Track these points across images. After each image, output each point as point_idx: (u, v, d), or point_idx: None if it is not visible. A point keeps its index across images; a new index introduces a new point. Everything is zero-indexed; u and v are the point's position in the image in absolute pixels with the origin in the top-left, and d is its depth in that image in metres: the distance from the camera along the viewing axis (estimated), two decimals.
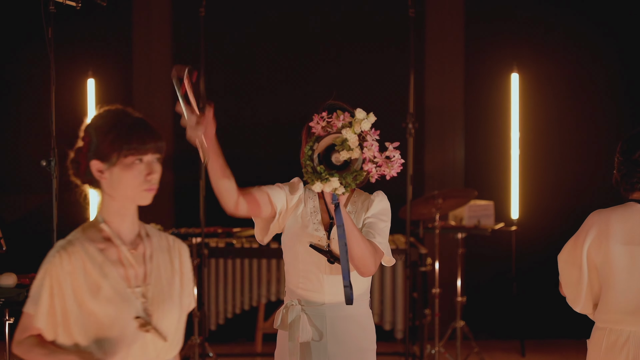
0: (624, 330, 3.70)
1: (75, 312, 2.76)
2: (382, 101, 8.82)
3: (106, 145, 2.84)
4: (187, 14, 8.77)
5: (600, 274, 3.76)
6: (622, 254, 3.68)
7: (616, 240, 3.69)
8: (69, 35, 8.51)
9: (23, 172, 8.92)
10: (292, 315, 3.73)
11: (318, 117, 3.54)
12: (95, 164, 2.87)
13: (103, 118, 2.92)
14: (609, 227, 3.71)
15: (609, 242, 3.70)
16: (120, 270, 2.87)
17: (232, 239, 7.72)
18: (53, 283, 2.77)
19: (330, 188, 3.42)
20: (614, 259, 3.69)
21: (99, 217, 2.92)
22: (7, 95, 9.06)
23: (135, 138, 2.87)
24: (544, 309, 8.91)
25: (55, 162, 5.04)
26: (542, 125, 9.04)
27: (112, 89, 8.93)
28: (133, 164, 2.86)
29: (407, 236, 7.06)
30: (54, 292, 2.77)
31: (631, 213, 3.74)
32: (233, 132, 8.96)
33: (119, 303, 2.81)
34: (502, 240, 8.71)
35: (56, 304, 2.76)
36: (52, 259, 2.82)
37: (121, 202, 2.92)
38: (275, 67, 9.04)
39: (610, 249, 3.69)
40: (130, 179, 2.87)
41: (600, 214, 3.79)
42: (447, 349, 7.83)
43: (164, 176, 3.07)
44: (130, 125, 2.90)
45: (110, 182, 2.87)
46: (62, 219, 5.31)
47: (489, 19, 9.13)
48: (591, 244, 3.73)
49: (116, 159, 2.84)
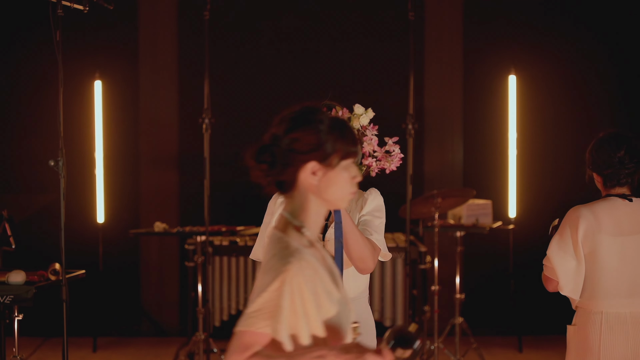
0: (620, 312, 3.99)
1: (314, 318, 2.58)
2: (382, 102, 8.69)
3: (329, 146, 2.67)
4: (193, 16, 8.85)
5: (588, 262, 4.03)
6: (613, 245, 3.99)
7: (606, 232, 4.00)
8: (77, 38, 8.55)
9: (31, 172, 8.96)
10: None
11: None
12: (312, 166, 2.67)
13: (322, 117, 2.71)
14: (599, 220, 4.01)
15: (600, 234, 4.00)
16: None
17: (235, 238, 7.72)
18: (294, 291, 2.55)
19: None
20: (604, 249, 3.99)
21: (297, 222, 2.71)
22: (16, 96, 9.11)
23: (353, 139, 2.73)
24: (540, 305, 8.80)
25: (63, 162, 5.00)
26: (538, 127, 9.06)
27: (119, 90, 9.02)
28: (349, 166, 2.72)
29: (407, 234, 7.03)
30: (295, 302, 2.55)
31: (615, 207, 4.05)
32: (236, 133, 9.03)
33: (343, 307, 2.71)
34: (500, 239, 8.76)
35: (298, 312, 2.55)
36: (287, 267, 2.56)
37: (324, 206, 2.75)
38: (276, 70, 9.09)
39: (601, 240, 3.99)
40: (344, 182, 2.71)
41: (584, 209, 4.08)
42: (446, 345, 7.86)
43: (169, 176, 3.13)
44: (346, 126, 2.75)
45: (321, 185, 2.69)
46: (70, 217, 5.36)
47: (487, 23, 9.16)
48: (584, 235, 3.99)
49: (337, 161, 2.68)
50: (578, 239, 4.01)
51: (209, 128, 7.08)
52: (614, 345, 3.98)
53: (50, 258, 5.52)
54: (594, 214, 4.04)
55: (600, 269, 4.01)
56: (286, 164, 2.67)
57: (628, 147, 4.08)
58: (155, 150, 9.11)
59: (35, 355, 8.20)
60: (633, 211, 4.06)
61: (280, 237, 2.67)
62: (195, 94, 8.59)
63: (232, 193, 9.00)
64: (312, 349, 2.58)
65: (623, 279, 4.00)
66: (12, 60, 9.09)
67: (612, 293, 4.01)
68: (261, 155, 2.69)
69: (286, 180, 2.69)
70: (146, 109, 9.18)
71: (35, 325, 8.13)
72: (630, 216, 4.05)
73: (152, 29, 9.16)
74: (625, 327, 3.99)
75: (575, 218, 4.05)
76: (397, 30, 8.93)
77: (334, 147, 2.66)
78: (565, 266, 4.03)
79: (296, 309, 2.55)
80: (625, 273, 4.00)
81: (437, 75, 9.15)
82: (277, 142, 2.68)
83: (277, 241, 2.67)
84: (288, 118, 2.70)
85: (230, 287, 7.71)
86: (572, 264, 4.03)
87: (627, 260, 4.01)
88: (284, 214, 2.74)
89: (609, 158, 4.10)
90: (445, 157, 9.15)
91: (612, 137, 4.13)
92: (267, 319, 2.55)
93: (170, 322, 9.21)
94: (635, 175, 4.10)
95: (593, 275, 4.03)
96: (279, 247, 2.63)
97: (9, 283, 5.12)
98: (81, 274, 5.62)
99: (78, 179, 8.65)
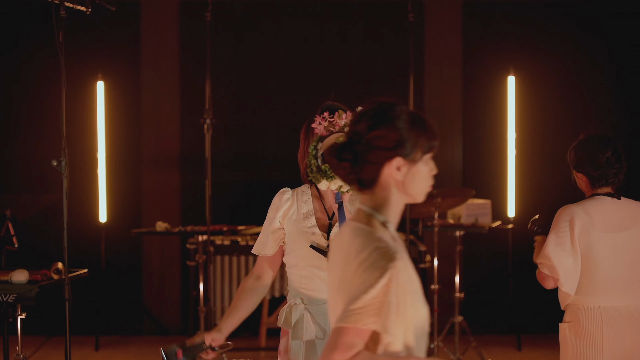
0: (616, 306, 4.12)
1: (411, 315, 2.56)
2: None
3: (413, 141, 2.63)
4: (194, 18, 8.85)
5: (583, 259, 4.14)
6: (606, 241, 4.13)
7: (599, 229, 4.13)
8: (80, 39, 8.58)
9: (34, 172, 8.99)
10: (295, 315, 3.74)
11: (320, 117, 3.58)
12: (397, 162, 2.63)
13: (401, 113, 2.66)
14: (592, 218, 4.13)
15: (593, 231, 4.12)
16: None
17: (237, 237, 7.75)
18: (398, 290, 2.51)
19: (335, 186, 3.48)
20: (598, 245, 4.12)
21: (381, 217, 2.68)
22: (19, 97, 9.15)
23: (433, 134, 2.69)
24: (539, 304, 8.83)
25: (65, 162, 5.01)
26: (537, 127, 9.10)
27: (121, 91, 9.06)
28: (428, 160, 2.69)
29: (407, 234, 7.08)
30: (399, 300, 2.52)
31: (605, 205, 4.19)
32: (237, 133, 9.09)
33: (424, 304, 2.66)
34: (499, 238, 8.80)
35: (399, 311, 2.52)
36: (394, 263, 2.52)
37: (405, 200, 2.70)
38: (277, 71, 9.11)
39: (595, 237, 4.12)
40: (425, 176, 2.69)
41: (576, 207, 4.19)
42: (446, 344, 7.93)
43: (171, 176, 3.12)
44: (426, 121, 2.70)
45: (405, 180, 2.65)
46: (72, 217, 5.39)
47: (486, 24, 9.20)
48: (579, 233, 4.11)
49: (420, 156, 2.65)
50: (575, 237, 4.11)
51: (211, 128, 7.10)
52: (614, 338, 4.09)
53: (53, 257, 5.54)
54: (587, 212, 4.15)
55: (595, 265, 4.12)
56: (369, 161, 2.63)
57: (614, 149, 4.20)
58: (157, 151, 9.15)
59: (38, 354, 8.24)
60: (620, 209, 4.21)
61: (370, 232, 2.62)
62: (196, 94, 8.64)
63: (233, 193, 9.05)
64: (412, 357, 2.57)
65: (616, 274, 4.13)
66: (16, 61, 9.11)
67: (608, 288, 4.12)
68: (343, 154, 2.66)
69: (368, 177, 2.66)
70: (148, 109, 9.22)
71: (38, 324, 8.16)
72: (618, 213, 4.19)
73: (154, 30, 9.19)
74: (621, 320, 4.11)
75: (570, 216, 4.15)
76: (397, 32, 8.94)
77: (417, 142, 2.63)
78: (564, 263, 4.12)
79: (399, 307, 2.52)
80: (618, 268, 4.13)
81: (437, 75, 9.18)
82: (359, 140, 2.64)
83: (367, 235, 2.61)
84: (368, 115, 2.66)
85: (232, 286, 7.73)
86: (569, 260, 4.12)
87: (619, 256, 4.14)
88: (364, 208, 2.69)
89: (597, 159, 4.20)
90: (445, 157, 9.15)
91: (599, 138, 4.24)
92: (374, 315, 2.50)
93: (172, 320, 9.24)
94: (620, 174, 4.23)
95: (588, 271, 4.13)
96: (374, 242, 2.58)
97: (12, 282, 5.13)
98: (84, 273, 5.64)
99: (80, 179, 8.68)
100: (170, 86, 9.20)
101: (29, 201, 8.22)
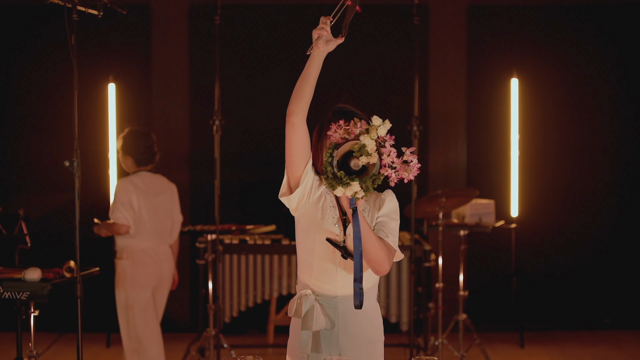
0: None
1: None
2: (388, 105, 8.93)
3: None
4: (204, 21, 8.93)
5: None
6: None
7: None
8: (91, 42, 8.70)
9: (47, 173, 9.06)
10: (306, 305, 3.73)
11: (335, 125, 3.56)
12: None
13: None
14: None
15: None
16: None
17: (245, 236, 7.75)
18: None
19: (351, 192, 3.42)
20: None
21: None
22: (32, 99, 9.22)
23: None
24: (542, 302, 9.04)
25: (77, 163, 4.95)
26: (540, 128, 9.14)
27: (132, 93, 9.13)
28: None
29: (412, 233, 7.10)
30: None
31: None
32: (245, 134, 9.15)
33: None
34: (503, 237, 8.85)
35: None
36: None
37: None
38: (286, 73, 9.16)
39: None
40: None
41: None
42: (450, 341, 7.97)
43: (180, 176, 3.10)
44: None
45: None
46: (84, 216, 5.44)
47: (489, 27, 9.23)
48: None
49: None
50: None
51: (220, 129, 7.07)
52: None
53: (65, 256, 5.56)
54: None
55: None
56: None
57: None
58: (167, 151, 9.18)
59: (50, 350, 8.34)
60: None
61: None
62: (206, 96, 8.73)
63: (242, 193, 9.10)
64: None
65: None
66: (28, 63, 9.18)
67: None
68: None
69: None
70: (158, 110, 9.25)
71: (51, 321, 8.28)
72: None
73: (164, 33, 9.24)
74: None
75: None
76: (402, 35, 9.03)
77: None
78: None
79: None
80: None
81: (442, 78, 9.21)
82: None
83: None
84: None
85: (240, 285, 7.78)
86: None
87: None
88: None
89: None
90: (449, 157, 9.19)
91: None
92: None
93: (182, 318, 9.29)
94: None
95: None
96: None
97: (25, 280, 5.14)
98: (95, 271, 5.65)
99: (92, 179, 8.77)
100: (180, 88, 9.24)
101: (41, 201, 8.27)
